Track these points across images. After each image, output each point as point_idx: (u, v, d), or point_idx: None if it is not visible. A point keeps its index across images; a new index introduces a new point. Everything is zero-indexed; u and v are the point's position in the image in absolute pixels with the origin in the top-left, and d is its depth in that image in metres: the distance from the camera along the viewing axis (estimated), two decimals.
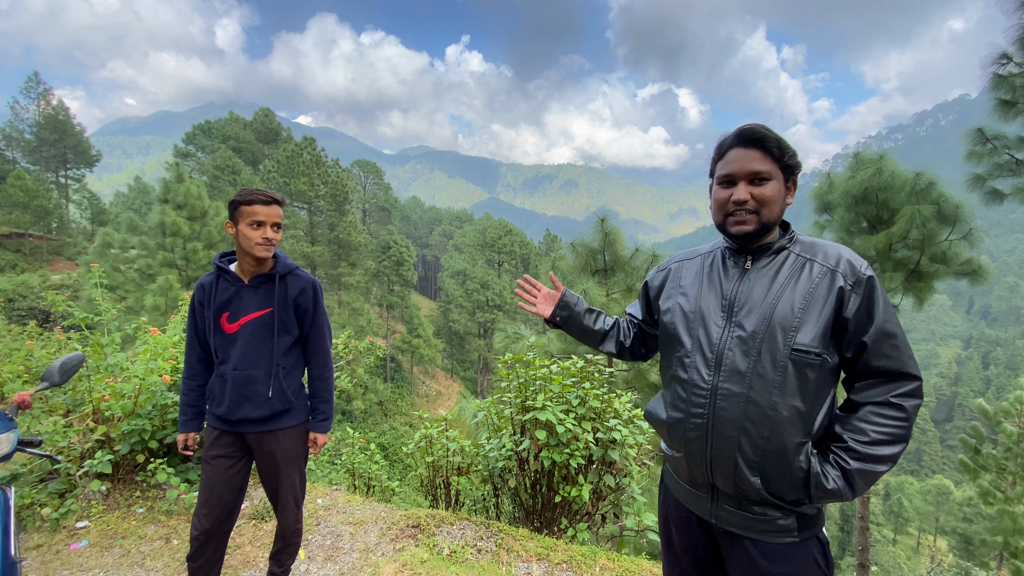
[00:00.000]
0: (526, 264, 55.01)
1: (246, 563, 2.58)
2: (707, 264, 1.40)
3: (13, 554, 1.48)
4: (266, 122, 50.75)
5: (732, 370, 1.22)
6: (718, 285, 1.33)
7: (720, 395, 1.23)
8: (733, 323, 1.25)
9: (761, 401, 1.18)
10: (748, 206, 1.24)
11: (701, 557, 1.40)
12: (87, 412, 3.16)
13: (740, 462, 1.21)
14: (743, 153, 1.25)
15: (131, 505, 3.07)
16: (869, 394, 1.19)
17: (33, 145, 44.54)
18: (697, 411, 1.27)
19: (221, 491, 2.00)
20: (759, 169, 1.23)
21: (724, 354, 1.24)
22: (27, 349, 5.31)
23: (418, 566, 2.51)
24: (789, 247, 1.28)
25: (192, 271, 14.78)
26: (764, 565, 1.23)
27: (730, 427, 1.21)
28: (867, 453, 1.15)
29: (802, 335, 1.16)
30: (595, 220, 8.15)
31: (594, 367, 3.46)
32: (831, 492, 1.15)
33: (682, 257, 1.51)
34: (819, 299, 1.18)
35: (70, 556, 2.62)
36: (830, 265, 1.21)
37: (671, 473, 1.45)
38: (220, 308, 1.99)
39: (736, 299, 1.27)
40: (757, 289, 1.25)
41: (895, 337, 1.17)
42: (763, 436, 1.18)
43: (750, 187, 1.24)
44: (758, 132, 1.24)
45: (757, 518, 1.24)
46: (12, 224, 37.42)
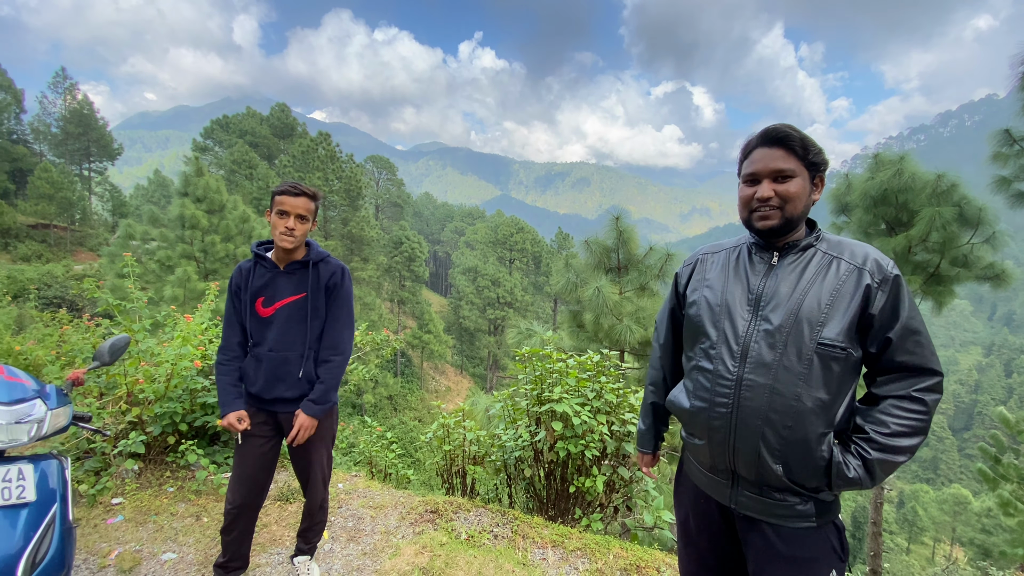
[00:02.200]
0: (537, 262, 55.06)
1: (272, 541, 2.69)
2: (732, 258, 1.43)
3: (71, 519, 1.59)
4: (282, 117, 51.34)
5: (758, 362, 1.26)
6: (744, 279, 1.36)
7: (745, 386, 1.27)
8: (760, 317, 1.29)
9: (786, 392, 1.22)
10: (772, 202, 1.28)
11: (717, 540, 1.44)
12: (121, 394, 3.30)
13: (764, 451, 1.25)
14: (767, 152, 1.30)
15: (162, 484, 3.21)
16: (891, 388, 1.23)
17: (59, 138, 45.58)
18: (722, 400, 1.31)
19: (253, 468, 2.10)
20: (782, 167, 1.27)
21: (750, 346, 1.28)
22: (59, 335, 5.52)
23: (437, 548, 2.60)
24: (816, 245, 1.32)
25: (210, 263, 15.07)
26: (782, 549, 1.28)
27: (755, 416, 1.26)
28: (887, 444, 1.19)
29: (828, 330, 1.21)
30: (609, 218, 8.16)
31: (610, 362, 3.52)
32: (852, 480, 1.20)
33: (708, 250, 1.53)
34: (846, 296, 1.22)
35: (107, 530, 2.75)
36: (857, 263, 1.24)
37: (691, 460, 1.49)
38: (256, 293, 2.09)
39: (763, 294, 1.31)
40: (784, 285, 1.29)
41: (919, 334, 1.21)
42: (787, 426, 1.22)
43: (774, 184, 1.28)
44: (781, 131, 1.28)
45: (776, 503, 1.28)
46: (38, 215, 38.36)
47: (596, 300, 7.36)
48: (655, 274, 7.91)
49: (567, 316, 8.58)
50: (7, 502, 1.39)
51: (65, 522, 1.53)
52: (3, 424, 1.45)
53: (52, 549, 1.44)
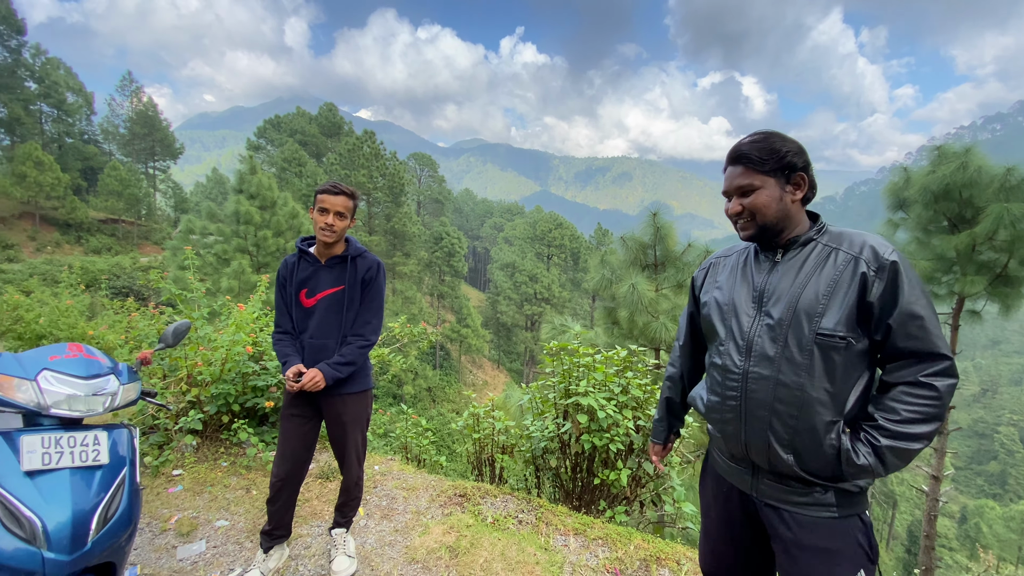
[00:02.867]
0: (576, 258, 54.71)
1: (313, 515, 2.91)
2: (741, 260, 1.50)
3: (137, 481, 1.80)
4: (330, 116, 53.15)
5: (761, 355, 1.32)
6: (750, 278, 1.43)
7: (751, 378, 1.34)
8: (763, 312, 1.35)
9: (790, 383, 1.27)
10: (744, 215, 1.39)
11: (736, 529, 1.49)
12: (182, 376, 3.62)
13: (772, 440, 1.30)
14: (730, 171, 1.41)
15: (217, 459, 3.51)
16: (900, 375, 1.25)
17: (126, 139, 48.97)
18: (731, 394, 1.38)
19: (295, 445, 2.29)
20: (741, 184, 1.37)
21: (754, 341, 1.35)
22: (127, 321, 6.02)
23: (464, 529, 2.73)
24: (816, 238, 1.36)
25: (262, 257, 15.89)
26: (804, 538, 1.30)
27: (761, 408, 1.31)
28: (898, 431, 1.20)
29: (826, 320, 1.24)
30: (647, 214, 8.07)
31: (638, 358, 3.55)
32: (862, 468, 1.22)
33: (720, 254, 1.62)
34: (843, 285, 1.26)
35: (168, 498, 3.04)
36: (854, 252, 1.28)
37: (715, 449, 1.56)
38: (300, 284, 2.27)
39: (765, 290, 1.37)
40: (784, 280, 1.35)
41: (921, 319, 1.21)
42: (793, 416, 1.27)
43: (740, 199, 1.38)
44: (737, 151, 1.38)
45: (795, 491, 1.32)
46: (108, 211, 41.46)
47: (631, 297, 7.31)
48: (693, 271, 7.78)
49: (602, 313, 8.56)
50: (84, 463, 1.59)
51: (133, 484, 1.73)
52: (82, 396, 1.66)
53: (121, 506, 1.64)
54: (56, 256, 33.23)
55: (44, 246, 35.19)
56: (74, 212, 37.84)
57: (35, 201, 35.81)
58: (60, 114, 45.55)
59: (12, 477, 1.44)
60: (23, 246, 34.09)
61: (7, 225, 34.89)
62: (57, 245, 36.10)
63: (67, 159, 43.23)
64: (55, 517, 1.44)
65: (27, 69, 42.87)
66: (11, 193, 34.93)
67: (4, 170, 38.26)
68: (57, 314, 7.23)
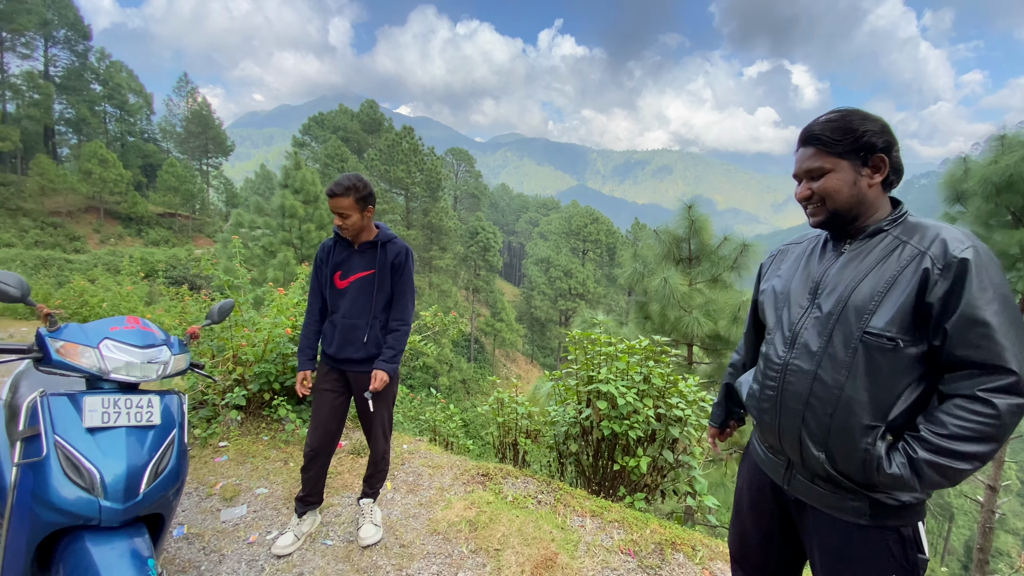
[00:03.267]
0: (611, 253, 54.03)
1: (344, 487, 3.09)
2: (810, 248, 1.44)
3: (185, 443, 1.98)
4: (370, 113, 54.39)
5: (804, 348, 1.28)
6: (811, 268, 1.37)
7: (790, 371, 1.29)
8: (815, 304, 1.29)
9: (828, 380, 1.21)
10: (813, 200, 1.30)
11: (765, 518, 1.48)
12: (228, 356, 3.89)
13: (804, 435, 1.26)
14: (800, 152, 1.33)
15: (259, 433, 3.76)
16: (956, 386, 1.13)
17: (182, 137, 51.71)
18: (770, 383, 1.35)
19: (327, 418, 2.46)
20: (811, 167, 1.29)
21: (800, 333, 1.30)
22: (181, 307, 6.46)
23: (484, 506, 2.85)
24: (888, 229, 1.27)
25: (306, 249, 16.54)
26: (832, 539, 1.27)
27: (796, 401, 1.27)
28: (942, 446, 1.09)
29: (877, 319, 1.16)
30: (682, 207, 7.93)
31: (661, 348, 3.55)
32: (893, 477, 1.13)
33: (793, 241, 1.55)
34: (902, 283, 1.16)
35: (215, 466, 3.29)
36: (921, 247, 1.17)
37: (755, 438, 1.54)
38: (335, 267, 2.43)
39: (822, 281, 1.30)
40: (844, 272, 1.27)
41: (987, 326, 1.08)
42: (827, 413, 1.21)
43: (810, 183, 1.31)
44: (808, 131, 1.30)
45: (827, 491, 1.27)
46: (165, 205, 43.97)
47: (663, 291, 7.23)
48: (729, 265, 7.59)
49: (635, 308, 8.49)
50: (139, 423, 1.77)
51: (181, 445, 1.91)
52: (138, 363, 1.84)
53: (171, 464, 1.82)
54: (118, 248, 35.59)
55: (108, 238, 37.77)
56: (135, 207, 40.37)
57: (100, 196, 38.37)
58: (123, 114, 48.61)
59: (75, 433, 1.62)
60: (88, 238, 36.72)
61: (74, 219, 37.63)
62: (119, 237, 38.64)
63: (129, 157, 46.06)
64: (112, 470, 1.60)
65: (93, 72, 45.99)
66: (78, 189, 37.62)
67: (72, 167, 41.25)
68: (119, 299, 7.83)
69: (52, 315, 1.82)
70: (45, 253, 29.92)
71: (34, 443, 1.57)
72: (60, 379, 2.16)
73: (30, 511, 1.51)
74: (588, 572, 2.37)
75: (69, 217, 37.23)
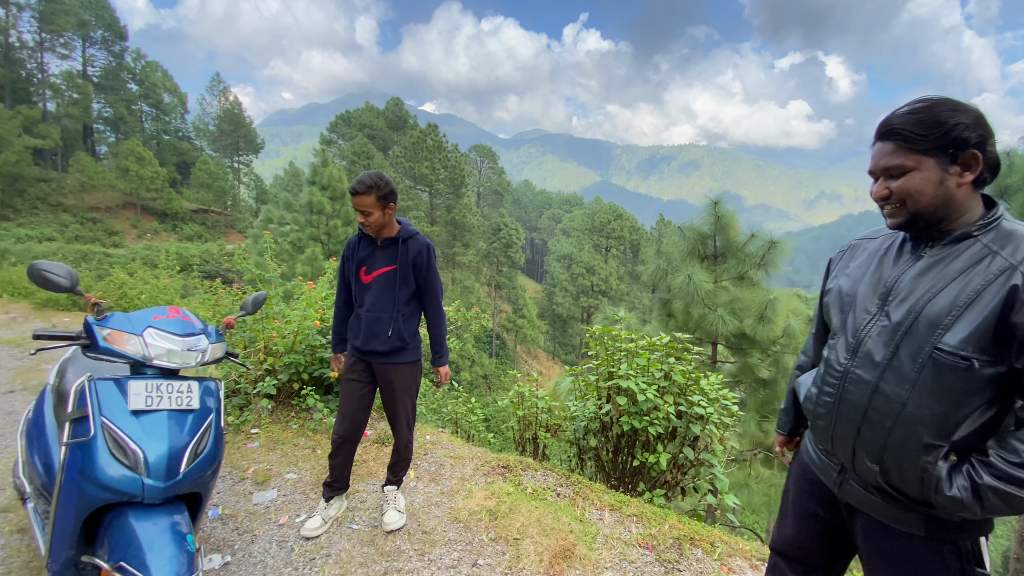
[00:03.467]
0: (635, 250, 53.42)
1: (369, 475, 3.20)
2: (885, 246, 1.31)
3: (221, 427, 2.09)
4: (396, 110, 54.98)
5: (867, 357, 1.20)
6: (884, 270, 1.26)
7: (850, 379, 1.23)
8: (883, 311, 1.20)
9: (890, 393, 1.14)
10: (892, 200, 1.19)
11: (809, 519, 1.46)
12: (260, 347, 4.04)
13: (859, 447, 1.21)
14: (878, 147, 1.20)
15: (288, 421, 3.91)
16: None
17: (215, 135, 53.27)
18: (828, 390, 1.28)
19: (354, 407, 2.55)
20: (889, 164, 1.17)
21: (864, 341, 1.21)
22: (215, 300, 6.70)
23: (504, 496, 2.90)
24: (977, 235, 1.13)
25: (333, 245, 16.90)
26: (882, 546, 1.24)
27: (854, 411, 1.21)
28: (1010, 474, 1.02)
29: (951, 335, 1.06)
30: (708, 203, 7.80)
31: (683, 345, 3.54)
32: (952, 500, 1.07)
33: (868, 235, 1.42)
34: (985, 298, 1.05)
35: (247, 452, 3.44)
36: (1014, 260, 1.05)
37: (808, 438, 1.50)
38: (360, 262, 2.51)
39: (895, 286, 1.20)
40: (921, 279, 1.16)
41: None
42: (886, 427, 1.15)
43: (888, 182, 1.19)
44: (887, 124, 1.17)
45: (879, 501, 1.23)
46: (199, 201, 45.42)
47: (686, 288, 7.14)
48: (756, 263, 7.45)
49: (659, 305, 8.41)
50: (179, 407, 1.87)
51: (218, 428, 2.02)
52: (178, 351, 1.95)
53: (208, 446, 1.92)
54: (154, 243, 36.96)
55: (144, 233, 39.27)
56: (170, 203, 41.85)
57: (136, 193, 39.90)
58: (158, 113, 50.38)
59: (121, 415, 1.72)
60: (126, 233, 38.26)
61: (113, 214, 39.25)
62: (155, 233, 40.13)
63: (164, 154, 47.71)
64: (154, 450, 1.70)
65: (129, 72, 47.79)
66: (116, 185, 39.21)
67: (110, 164, 42.98)
68: (156, 292, 8.17)
69: (99, 304, 1.94)
70: (85, 247, 31.31)
71: (82, 424, 1.68)
72: (104, 365, 2.29)
73: (78, 488, 1.61)
74: (606, 563, 2.40)
75: (108, 213, 38.86)
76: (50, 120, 40.73)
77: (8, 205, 33.92)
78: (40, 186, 36.44)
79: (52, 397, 2.27)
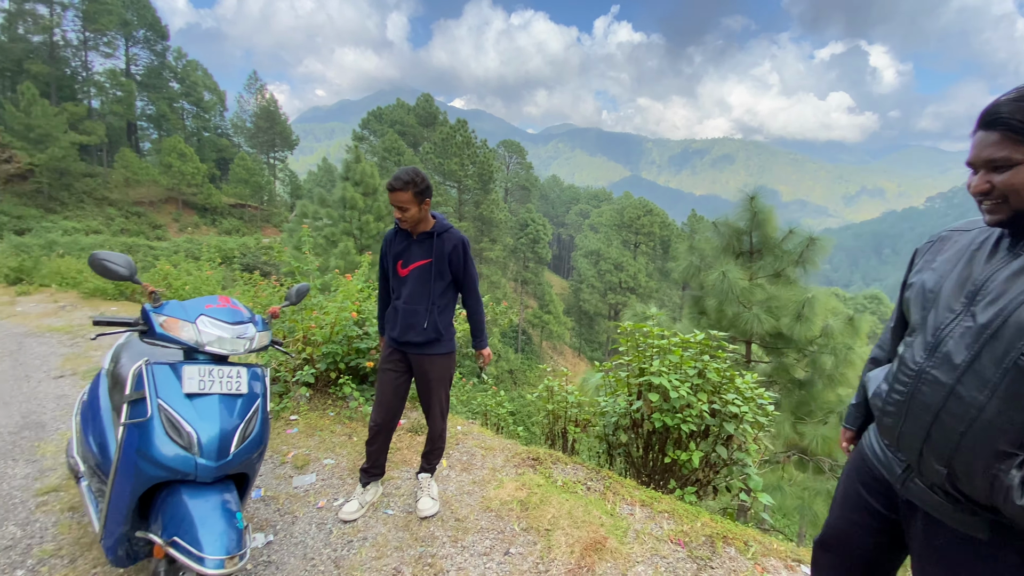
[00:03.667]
0: (665, 247, 52.52)
1: (404, 462, 3.28)
2: (979, 241, 1.22)
3: (268, 411, 2.18)
4: (426, 107, 55.48)
5: (945, 359, 1.14)
6: (974, 267, 1.18)
7: (925, 379, 1.18)
8: (969, 311, 1.13)
9: (966, 397, 1.09)
10: (993, 195, 1.10)
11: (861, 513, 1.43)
12: (298, 337, 4.18)
13: (926, 449, 1.17)
14: (979, 137, 1.11)
15: (325, 409, 4.04)
16: None
17: (252, 132, 54.93)
18: (900, 388, 1.24)
19: (390, 395, 2.62)
20: (993, 156, 1.08)
21: (944, 340, 1.15)
22: (255, 291, 6.95)
23: (535, 488, 2.94)
24: None
25: (365, 239, 17.25)
26: (940, 546, 1.21)
27: (925, 412, 1.17)
28: None
29: None
30: (744, 198, 7.61)
31: (717, 343, 3.48)
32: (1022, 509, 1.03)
33: (959, 227, 1.34)
34: None
35: (287, 437, 3.58)
36: None
37: (872, 432, 1.46)
38: (397, 256, 2.58)
39: (985, 286, 1.12)
40: (1013, 280, 1.08)
41: None
42: (957, 431, 1.10)
43: (990, 175, 1.10)
44: (993, 111, 1.08)
45: (944, 502, 1.19)
46: (236, 196, 46.99)
47: (720, 285, 7.00)
48: (794, 260, 7.24)
49: (690, 302, 8.27)
50: (229, 391, 1.96)
51: (264, 412, 2.11)
52: (228, 338, 2.04)
53: (256, 429, 2.01)
54: (195, 236, 38.49)
55: (185, 227, 40.94)
56: (210, 198, 43.47)
57: (178, 188, 41.60)
58: (198, 111, 52.31)
59: (176, 398, 1.82)
60: (168, 226, 39.97)
61: (156, 208, 41.04)
62: (196, 226, 41.77)
63: (204, 151, 49.53)
64: (207, 431, 1.79)
65: (171, 70, 49.72)
66: (159, 181, 40.97)
67: (153, 160, 44.90)
68: (200, 283, 8.52)
69: (155, 293, 2.04)
70: (130, 240, 32.86)
71: (139, 406, 1.78)
72: (157, 350, 2.42)
73: (135, 466, 1.71)
74: (637, 557, 2.41)
75: (151, 207, 40.67)
76: (95, 117, 42.80)
77: (55, 199, 35.86)
78: (86, 181, 38.39)
79: (107, 380, 2.40)
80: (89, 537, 2.42)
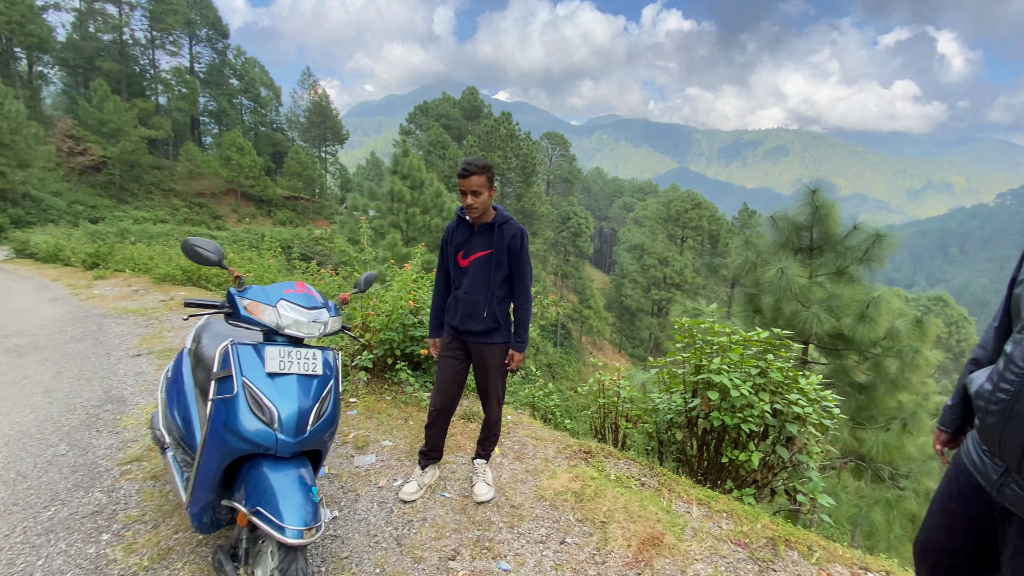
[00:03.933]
0: (714, 241, 50.76)
1: (457, 448, 3.37)
2: None
3: (339, 392, 2.29)
4: (471, 100, 55.84)
5: None
6: None
7: None
8: None
9: None
10: None
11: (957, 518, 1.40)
12: (357, 323, 4.35)
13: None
14: None
15: (382, 393, 4.20)
16: None
17: (304, 127, 57.00)
18: (1005, 387, 1.21)
19: (449, 382, 2.70)
20: None
21: None
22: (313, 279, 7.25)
23: (588, 480, 2.95)
24: None
25: (411, 231, 17.62)
26: None
27: None
28: None
29: None
30: (803, 192, 7.25)
31: (782, 342, 3.36)
32: None
33: None
34: None
35: (347, 419, 3.74)
36: None
37: (972, 436, 1.43)
38: (457, 247, 2.64)
39: None
40: None
41: None
42: None
43: None
44: None
45: None
46: (290, 189, 49.02)
47: (779, 283, 6.72)
48: (858, 257, 6.86)
49: (743, 299, 8.00)
50: (306, 372, 2.07)
51: (337, 394, 2.21)
52: (305, 321, 2.15)
53: (329, 409, 2.11)
54: (252, 226, 40.48)
55: (243, 217, 43.10)
56: (266, 190, 45.56)
57: (237, 180, 43.81)
58: (256, 106, 54.78)
59: (259, 377, 1.93)
60: (228, 217, 42.21)
61: (216, 200, 43.41)
62: (253, 217, 43.91)
63: (261, 145, 51.86)
64: (286, 409, 1.90)
65: (231, 68, 52.23)
66: (220, 173, 43.29)
67: (214, 154, 47.42)
68: (262, 270, 8.99)
69: (240, 278, 2.18)
70: (193, 229, 34.93)
71: (226, 383, 1.91)
72: (236, 331, 2.57)
73: (221, 439, 1.84)
74: (696, 555, 2.38)
75: (212, 198, 43.05)
76: (162, 112, 45.63)
77: (126, 189, 38.57)
78: (154, 173, 41.11)
79: (189, 359, 2.58)
80: (171, 504, 2.60)
